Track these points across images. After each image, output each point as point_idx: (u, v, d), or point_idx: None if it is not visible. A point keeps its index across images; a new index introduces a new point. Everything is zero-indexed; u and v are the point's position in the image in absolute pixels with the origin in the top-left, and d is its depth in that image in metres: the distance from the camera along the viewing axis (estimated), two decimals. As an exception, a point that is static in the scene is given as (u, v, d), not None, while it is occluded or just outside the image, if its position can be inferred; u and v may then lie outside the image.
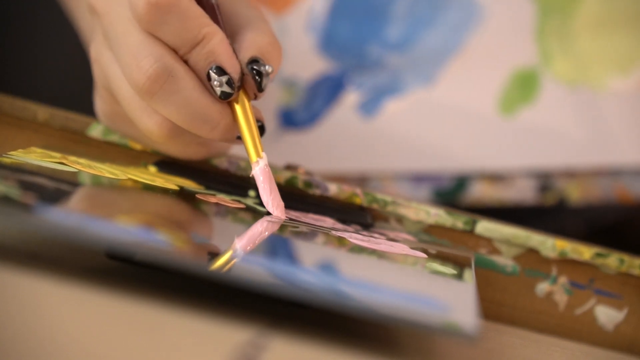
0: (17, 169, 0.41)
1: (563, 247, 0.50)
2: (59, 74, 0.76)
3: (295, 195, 0.50)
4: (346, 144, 0.62)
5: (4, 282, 0.32)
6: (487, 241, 0.50)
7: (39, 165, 0.43)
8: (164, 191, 0.46)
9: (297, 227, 0.45)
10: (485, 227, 0.50)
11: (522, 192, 0.63)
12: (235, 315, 0.35)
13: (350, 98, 0.61)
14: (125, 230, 0.37)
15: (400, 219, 0.50)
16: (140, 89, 0.44)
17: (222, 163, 0.50)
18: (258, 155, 0.45)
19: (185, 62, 0.44)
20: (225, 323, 0.33)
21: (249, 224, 0.44)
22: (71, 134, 0.50)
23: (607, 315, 0.50)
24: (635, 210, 0.65)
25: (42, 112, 0.50)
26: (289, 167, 0.52)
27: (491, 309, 0.50)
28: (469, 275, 0.43)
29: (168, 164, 0.50)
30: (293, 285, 0.35)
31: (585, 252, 0.50)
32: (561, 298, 0.50)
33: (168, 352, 0.30)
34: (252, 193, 0.49)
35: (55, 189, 0.40)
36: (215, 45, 0.44)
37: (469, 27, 0.61)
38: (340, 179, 0.61)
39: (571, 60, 0.62)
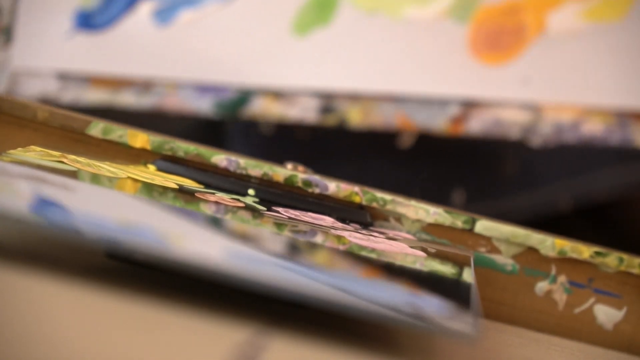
0: (17, 168, 0.41)
1: (562, 245, 0.50)
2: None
3: (295, 194, 0.50)
4: (137, 49, 0.63)
5: (4, 282, 0.32)
6: (487, 240, 0.50)
7: (39, 164, 0.43)
8: (164, 189, 0.46)
9: (296, 226, 0.45)
10: (485, 226, 0.50)
11: (304, 111, 0.64)
12: (234, 314, 0.35)
13: (147, 6, 0.63)
14: (125, 229, 0.37)
15: (399, 218, 0.50)
16: None
17: (221, 162, 0.50)
18: None
19: None
20: (224, 323, 0.33)
21: (248, 223, 0.44)
22: (71, 132, 0.50)
23: (607, 314, 0.50)
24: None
25: (41, 111, 0.50)
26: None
27: (490, 308, 0.50)
28: (469, 274, 0.43)
29: (167, 163, 0.50)
30: (293, 286, 0.35)
31: (584, 251, 0.50)
32: (560, 297, 0.50)
33: (167, 352, 0.30)
34: (251, 192, 0.49)
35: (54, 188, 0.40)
36: None
37: None
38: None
39: None
